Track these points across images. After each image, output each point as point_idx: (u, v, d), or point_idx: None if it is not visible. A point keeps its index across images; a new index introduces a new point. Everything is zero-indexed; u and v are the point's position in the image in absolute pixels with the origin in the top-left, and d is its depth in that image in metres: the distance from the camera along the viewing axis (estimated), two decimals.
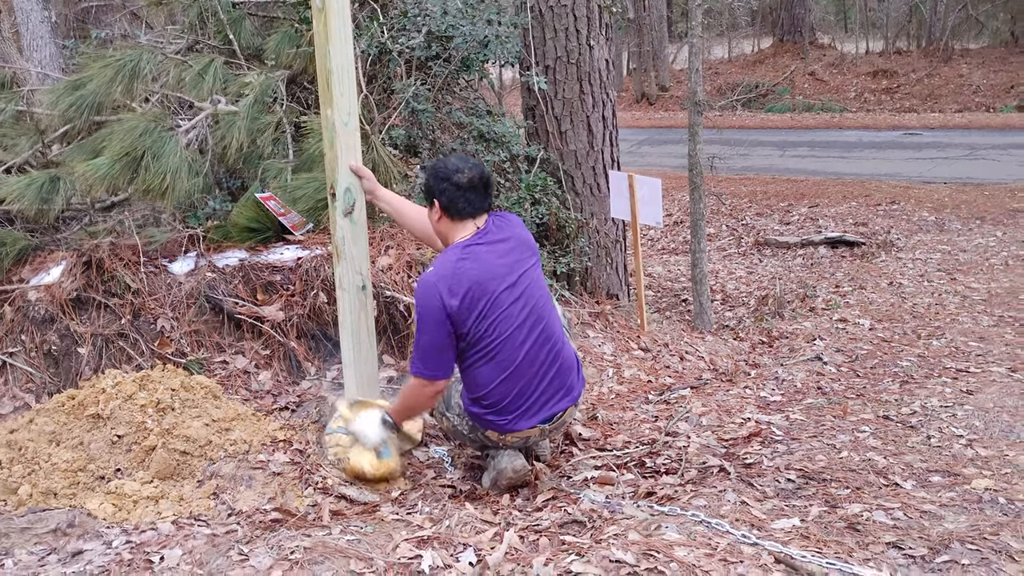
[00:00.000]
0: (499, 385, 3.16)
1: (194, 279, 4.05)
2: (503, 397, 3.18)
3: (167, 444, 3.34)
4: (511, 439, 3.27)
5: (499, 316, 3.09)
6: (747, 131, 16.54)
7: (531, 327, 3.16)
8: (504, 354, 3.12)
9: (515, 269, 3.15)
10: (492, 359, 3.13)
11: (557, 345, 3.24)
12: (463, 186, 3.12)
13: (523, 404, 3.20)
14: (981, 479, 3.18)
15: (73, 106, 4.32)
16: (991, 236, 8.04)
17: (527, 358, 3.16)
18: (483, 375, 3.16)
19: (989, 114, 17.45)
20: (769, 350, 5.25)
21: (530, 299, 3.17)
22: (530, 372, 3.17)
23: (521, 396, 3.19)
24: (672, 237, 9.27)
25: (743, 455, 3.46)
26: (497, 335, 3.10)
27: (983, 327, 5.38)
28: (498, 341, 3.10)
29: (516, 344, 3.13)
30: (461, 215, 3.15)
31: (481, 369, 3.15)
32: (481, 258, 3.09)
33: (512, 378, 3.16)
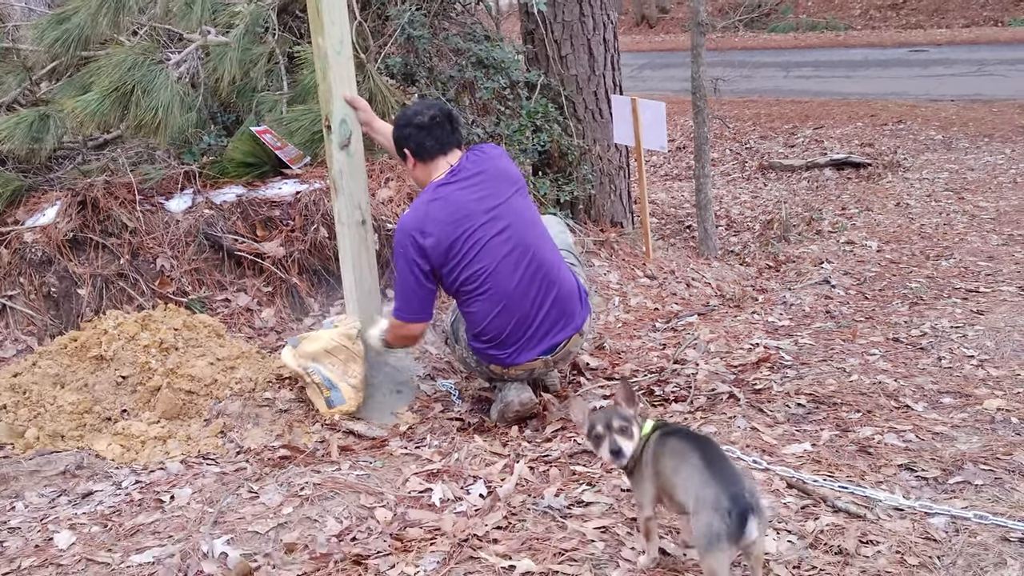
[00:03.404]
0: (494, 320, 3.13)
1: (192, 216, 3.99)
2: (500, 331, 3.15)
3: (172, 384, 3.32)
4: (515, 372, 3.24)
5: (479, 252, 3.05)
6: (750, 52, 16.23)
7: (518, 258, 3.11)
8: (493, 289, 3.08)
9: (492, 203, 3.10)
10: (482, 295, 3.10)
11: (551, 273, 3.19)
12: (425, 125, 3.12)
13: (522, 336, 3.17)
14: (993, 399, 3.15)
15: (59, 41, 4.20)
16: (999, 154, 7.92)
17: (518, 290, 3.11)
18: (477, 312, 3.13)
19: (997, 28, 17.07)
20: (776, 275, 5.20)
21: (514, 231, 3.11)
22: (524, 303, 3.13)
23: (519, 328, 3.15)
24: (675, 163, 9.14)
25: (752, 381, 3.43)
26: (481, 270, 3.06)
27: (992, 246, 5.32)
28: (483, 276, 3.07)
29: (504, 277, 3.08)
30: (431, 154, 3.14)
31: (474, 307, 3.13)
32: (452, 198, 3.06)
33: (505, 312, 3.12)
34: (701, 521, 1.98)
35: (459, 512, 2.60)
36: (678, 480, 2.11)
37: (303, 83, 4.40)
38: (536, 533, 2.46)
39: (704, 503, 1.98)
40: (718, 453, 2.12)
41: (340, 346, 3.24)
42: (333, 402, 3.24)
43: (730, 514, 1.93)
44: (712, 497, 1.97)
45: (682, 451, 2.14)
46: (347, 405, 3.25)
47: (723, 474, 2.02)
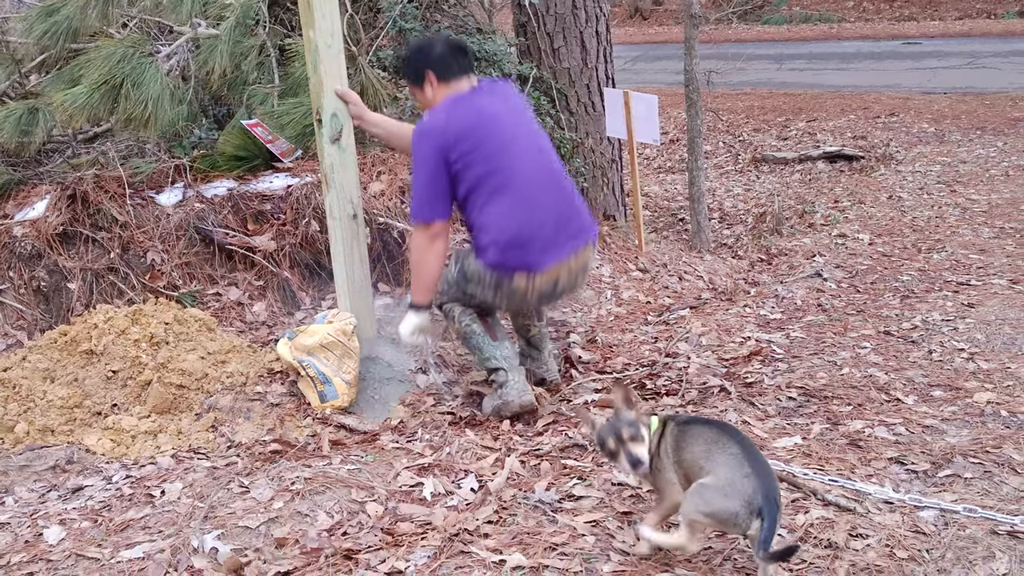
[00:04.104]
0: (517, 215, 3.09)
1: (183, 210, 3.97)
2: (520, 228, 3.10)
3: (163, 378, 3.31)
4: (541, 282, 3.15)
5: (501, 146, 3.08)
6: (743, 44, 16.21)
7: (536, 158, 3.17)
8: (516, 183, 3.09)
9: (511, 112, 3.19)
10: (505, 191, 3.07)
11: (565, 180, 3.26)
12: (447, 48, 3.18)
13: (544, 234, 3.13)
14: (983, 392, 3.16)
15: (48, 33, 4.17)
16: (992, 146, 7.93)
17: (538, 186, 3.14)
18: (494, 211, 3.09)
19: (990, 21, 17.09)
20: (768, 268, 5.20)
21: (532, 137, 3.21)
22: (545, 200, 3.14)
23: (541, 226, 3.12)
24: (668, 155, 9.14)
25: (744, 374, 3.44)
26: (504, 164, 3.07)
27: (984, 239, 5.33)
28: (506, 170, 3.07)
29: (525, 173, 3.11)
30: (456, 74, 3.17)
31: (490, 207, 3.09)
32: (475, 101, 3.14)
33: (528, 206, 3.10)
34: (728, 505, 2.04)
35: (450, 506, 2.60)
36: (708, 464, 2.14)
37: (294, 76, 4.38)
38: (527, 527, 2.46)
39: (739, 493, 2.04)
40: (753, 445, 2.19)
41: (336, 341, 3.24)
42: (326, 396, 3.23)
43: (759, 515, 2.02)
44: (750, 491, 2.04)
45: (715, 438, 2.19)
46: (340, 400, 3.24)
47: (763, 471, 2.08)
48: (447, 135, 3.04)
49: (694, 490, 2.11)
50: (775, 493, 2.06)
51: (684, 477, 2.19)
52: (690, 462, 2.18)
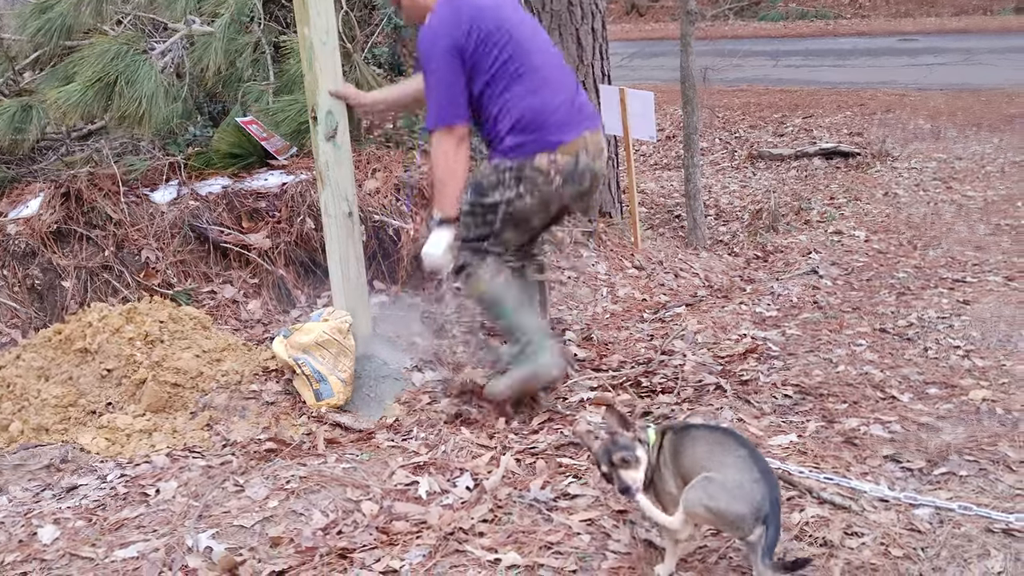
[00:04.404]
0: (531, 96, 3.07)
1: (177, 208, 3.96)
2: (540, 107, 3.09)
3: (158, 377, 3.30)
4: (563, 160, 3.10)
5: (508, 35, 3.05)
6: (740, 41, 16.21)
7: (543, 45, 3.17)
8: (530, 65, 3.07)
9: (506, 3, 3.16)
10: (515, 77, 3.05)
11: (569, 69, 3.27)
12: None
13: (558, 112, 3.12)
14: (979, 390, 3.16)
15: (42, 30, 4.16)
16: (988, 143, 7.93)
17: (550, 67, 3.14)
18: (514, 93, 3.06)
19: (986, 17, 17.10)
20: (764, 265, 5.20)
21: (531, 23, 3.21)
22: (554, 80, 3.13)
23: (554, 104, 3.11)
24: (664, 152, 9.13)
25: (739, 372, 3.43)
26: (517, 51, 3.05)
27: (979, 236, 5.33)
28: (520, 55, 3.06)
29: (537, 56, 3.11)
30: None
31: (508, 92, 3.06)
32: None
33: (540, 87, 3.09)
34: (736, 508, 2.02)
35: (445, 505, 2.60)
36: (711, 463, 2.10)
37: (289, 73, 4.38)
38: (522, 526, 2.46)
39: (748, 497, 2.02)
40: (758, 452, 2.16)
41: (332, 339, 3.23)
42: (321, 395, 3.23)
43: (764, 522, 2.00)
44: (759, 497, 2.02)
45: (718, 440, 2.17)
46: (335, 399, 3.24)
47: (769, 477, 2.06)
48: (460, 28, 2.99)
49: (700, 483, 2.07)
50: (779, 499, 2.05)
51: (684, 482, 2.15)
52: (690, 466, 2.14)
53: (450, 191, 3.10)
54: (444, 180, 3.11)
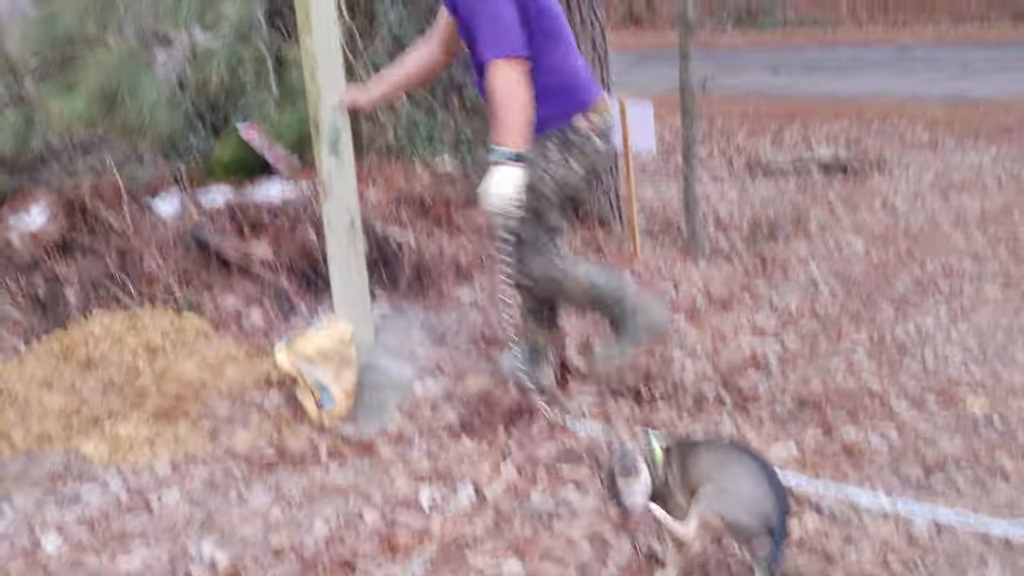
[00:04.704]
0: (566, 60, 3.08)
1: (180, 218, 3.98)
2: (573, 70, 3.10)
3: (160, 386, 3.32)
4: (595, 119, 3.10)
5: None
6: (738, 50, 16.27)
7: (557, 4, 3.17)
8: (557, 27, 3.07)
9: None
10: (552, 35, 3.02)
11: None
12: None
13: (584, 75, 3.17)
14: (976, 400, 3.19)
15: (45, 41, 4.19)
16: (985, 153, 7.95)
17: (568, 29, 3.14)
18: (555, 55, 3.02)
19: (983, 28, 17.16)
20: (763, 274, 5.21)
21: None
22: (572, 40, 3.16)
23: (581, 68, 3.16)
24: (663, 161, 9.16)
25: (739, 382, 3.45)
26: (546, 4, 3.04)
27: (977, 246, 5.35)
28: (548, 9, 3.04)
29: (559, 16, 3.11)
30: None
31: (551, 51, 3.01)
32: None
33: (571, 51, 3.11)
34: (748, 521, 2.04)
35: (447, 514, 2.61)
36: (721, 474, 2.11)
37: (291, 84, 4.41)
38: (524, 535, 2.48)
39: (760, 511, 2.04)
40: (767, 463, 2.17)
41: (334, 349, 3.25)
42: (323, 404, 3.24)
43: (773, 535, 2.02)
44: (770, 510, 2.03)
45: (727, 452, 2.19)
46: (337, 408, 3.25)
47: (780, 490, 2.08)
48: None
49: (713, 492, 2.07)
50: (788, 511, 2.06)
51: (693, 495, 2.15)
52: (699, 479, 2.14)
53: (520, 120, 2.82)
54: (510, 107, 2.81)
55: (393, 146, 4.79)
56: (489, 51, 2.82)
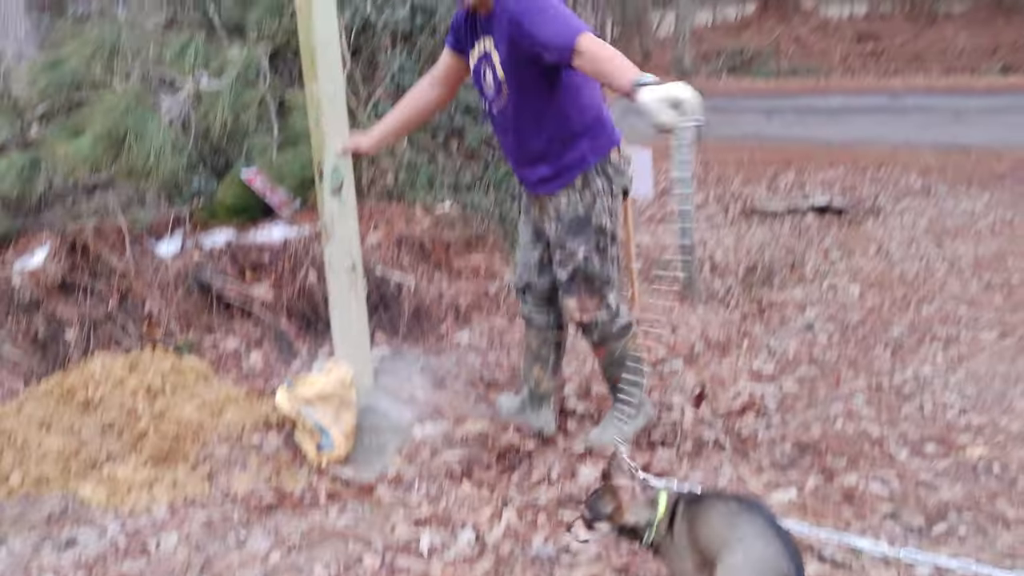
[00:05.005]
0: (598, 96, 3.12)
1: (181, 260, 4.01)
2: (603, 106, 3.14)
3: (159, 428, 3.31)
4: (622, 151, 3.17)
5: None
6: (732, 97, 16.46)
7: None
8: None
9: None
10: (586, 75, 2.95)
11: None
12: None
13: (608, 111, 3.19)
14: (975, 447, 3.19)
15: (52, 85, 4.24)
16: (978, 200, 8.03)
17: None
18: (592, 91, 3.09)
19: (973, 77, 17.41)
20: (760, 319, 5.24)
21: None
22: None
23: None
24: (660, 206, 9.23)
25: (738, 427, 3.46)
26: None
27: (972, 292, 5.39)
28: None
29: None
30: None
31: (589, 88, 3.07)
32: None
33: (599, 89, 3.12)
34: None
35: (447, 559, 2.60)
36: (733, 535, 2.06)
37: (293, 128, 4.46)
38: None
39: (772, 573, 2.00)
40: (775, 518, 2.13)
41: (334, 392, 3.25)
42: (323, 447, 3.24)
43: None
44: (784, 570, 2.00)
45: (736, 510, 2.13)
46: (337, 451, 3.25)
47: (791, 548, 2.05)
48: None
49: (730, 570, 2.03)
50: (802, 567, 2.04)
51: (702, 556, 2.10)
52: (708, 538, 2.09)
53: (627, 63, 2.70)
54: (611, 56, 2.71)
55: (394, 190, 4.83)
56: (571, 33, 2.75)
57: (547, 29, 2.80)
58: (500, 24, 2.95)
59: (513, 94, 3.02)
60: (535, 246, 3.35)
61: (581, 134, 3.06)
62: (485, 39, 3.05)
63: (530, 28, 2.83)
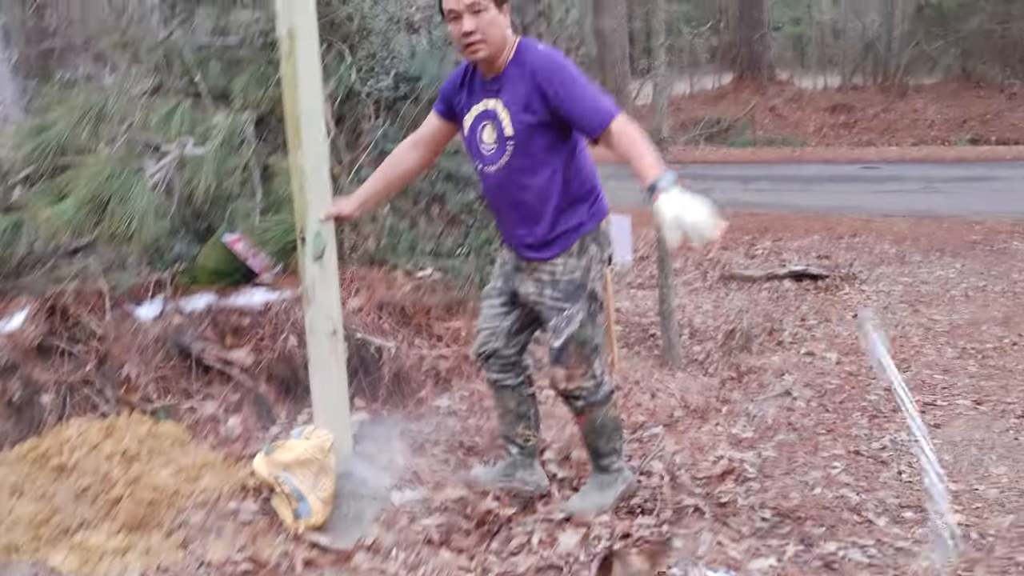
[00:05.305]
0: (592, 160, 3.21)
1: (161, 324, 4.00)
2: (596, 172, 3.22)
3: (134, 494, 3.27)
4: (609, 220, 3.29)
5: None
6: (710, 165, 16.76)
7: None
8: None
9: None
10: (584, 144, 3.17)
11: None
12: None
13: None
14: (953, 514, 3.20)
15: (37, 149, 4.27)
16: (951, 268, 8.19)
17: None
18: (589, 161, 3.19)
19: (944, 147, 17.85)
20: (739, 385, 5.27)
21: None
22: None
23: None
24: (639, 272, 9.32)
25: (718, 494, 3.46)
26: None
27: (947, 359, 5.46)
28: None
29: None
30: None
31: (587, 157, 3.18)
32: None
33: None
34: None
35: None
36: None
37: (277, 193, 4.50)
38: None
39: None
40: None
41: (313, 458, 3.23)
42: (300, 514, 3.20)
43: None
44: None
45: None
46: (314, 518, 3.21)
47: None
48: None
49: None
50: None
51: None
52: None
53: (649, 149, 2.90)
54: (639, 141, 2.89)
55: (376, 255, 4.87)
56: (607, 112, 2.91)
57: (584, 105, 2.92)
58: (514, 82, 3.02)
59: (519, 153, 3.05)
60: (507, 314, 3.38)
61: (582, 199, 3.13)
62: (488, 100, 3.10)
63: (565, 97, 2.94)
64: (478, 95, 3.14)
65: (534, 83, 2.97)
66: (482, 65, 3.09)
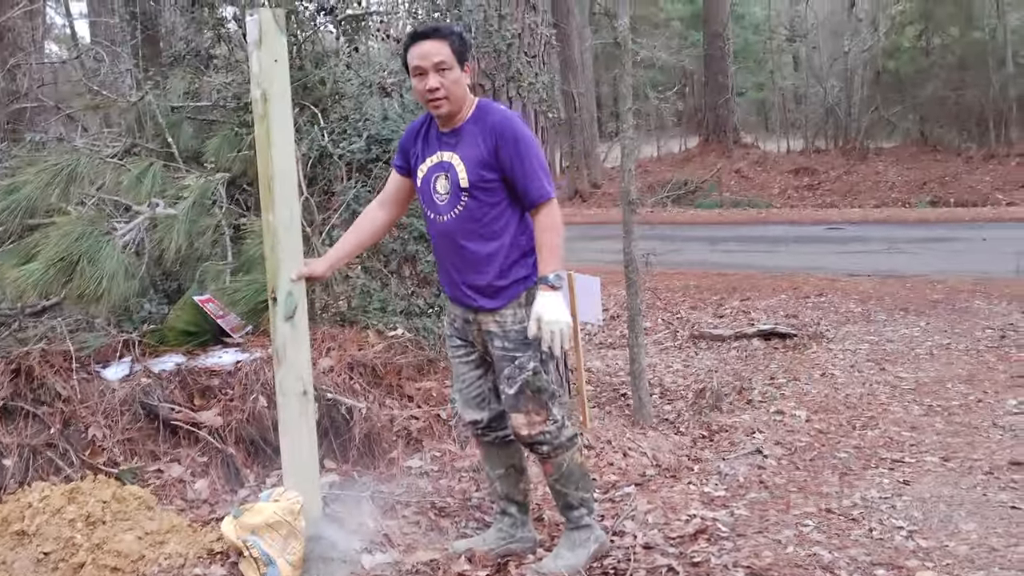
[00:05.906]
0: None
1: (128, 385, 3.95)
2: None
3: (97, 560, 3.20)
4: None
5: None
6: (678, 226, 17.01)
7: None
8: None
9: None
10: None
11: None
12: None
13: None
14: (924, 571, 3.22)
15: (6, 211, 4.26)
16: (915, 326, 8.31)
17: None
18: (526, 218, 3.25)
19: (905, 209, 18.26)
20: (710, 444, 5.28)
21: None
22: None
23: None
24: (609, 331, 9.37)
25: (691, 553, 3.45)
26: None
27: (914, 416, 5.51)
28: None
29: None
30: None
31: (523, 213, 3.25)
32: None
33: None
34: None
35: None
36: None
37: (248, 253, 4.51)
38: None
39: None
40: None
41: (282, 521, 3.18)
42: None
43: None
44: None
45: None
46: None
47: None
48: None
49: None
50: None
51: None
52: None
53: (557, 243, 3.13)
54: (561, 236, 3.14)
55: (347, 315, 4.87)
56: (546, 189, 3.12)
57: (527, 177, 3.11)
58: (472, 137, 3.16)
59: (472, 203, 3.15)
60: (482, 378, 3.41)
61: (531, 253, 3.20)
62: (443, 152, 3.21)
63: (516, 164, 3.11)
64: (433, 147, 3.26)
65: (491, 141, 3.12)
66: (442, 119, 3.22)
